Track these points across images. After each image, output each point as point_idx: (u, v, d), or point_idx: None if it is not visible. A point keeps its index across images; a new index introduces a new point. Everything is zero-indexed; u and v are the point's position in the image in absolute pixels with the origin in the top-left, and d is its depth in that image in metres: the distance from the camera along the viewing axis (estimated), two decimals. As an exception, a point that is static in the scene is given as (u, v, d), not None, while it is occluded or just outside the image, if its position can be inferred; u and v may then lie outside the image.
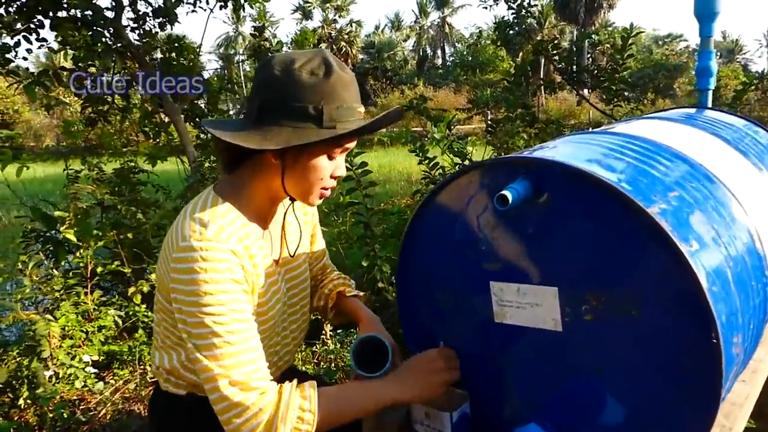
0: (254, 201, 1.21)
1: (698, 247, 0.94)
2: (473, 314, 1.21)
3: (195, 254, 1.06)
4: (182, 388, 1.24)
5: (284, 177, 1.16)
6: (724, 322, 0.91)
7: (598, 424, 1.08)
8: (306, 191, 1.19)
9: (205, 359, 1.05)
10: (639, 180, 1.03)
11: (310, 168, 1.15)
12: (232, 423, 1.05)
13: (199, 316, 1.06)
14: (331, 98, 1.09)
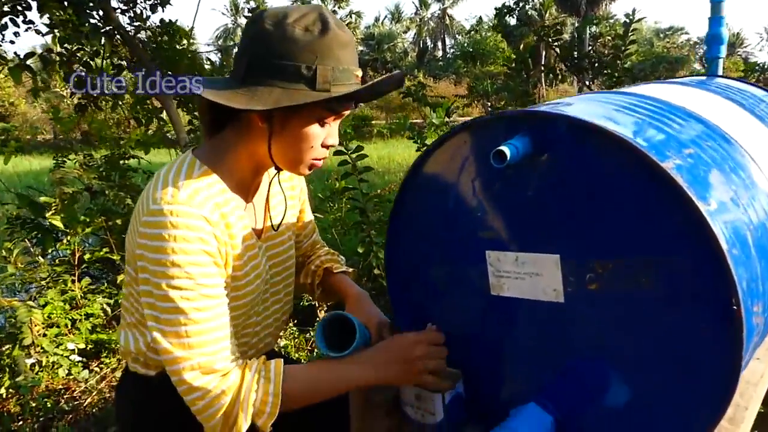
0: (237, 168, 1.11)
1: (716, 207, 0.85)
2: (468, 288, 1.12)
3: (164, 219, 0.97)
4: (152, 369, 1.15)
5: (271, 143, 1.06)
6: (745, 289, 0.82)
7: (602, 403, 0.99)
8: (295, 160, 1.09)
9: (166, 340, 0.98)
10: (651, 135, 0.93)
11: (300, 134, 1.05)
12: (195, 405, 0.99)
13: (165, 289, 0.97)
14: (326, 58, 0.99)
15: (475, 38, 40.60)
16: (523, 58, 7.10)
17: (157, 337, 0.98)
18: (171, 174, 1.04)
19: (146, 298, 1.01)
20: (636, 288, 0.89)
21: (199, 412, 0.99)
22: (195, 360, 0.97)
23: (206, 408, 0.98)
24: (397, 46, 46.73)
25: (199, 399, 0.98)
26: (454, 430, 1.12)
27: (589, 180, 0.91)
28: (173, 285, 0.97)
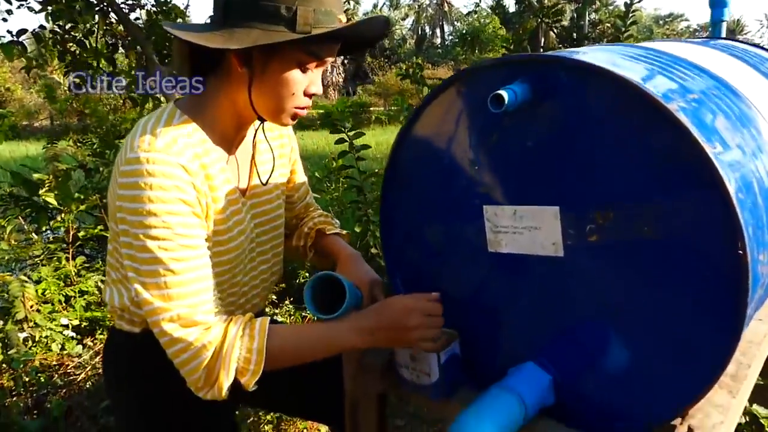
0: (218, 119, 1.08)
1: (722, 150, 0.82)
2: (465, 246, 1.09)
3: (141, 167, 0.94)
4: (137, 326, 1.12)
5: (251, 90, 1.02)
6: (751, 235, 0.78)
7: (603, 361, 0.96)
8: (276, 108, 1.05)
9: (146, 291, 0.96)
10: (655, 80, 0.90)
11: (280, 80, 1.01)
12: (177, 358, 0.97)
13: (142, 239, 0.94)
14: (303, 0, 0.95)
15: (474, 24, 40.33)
16: (521, 41, 7.04)
17: (138, 288, 0.96)
18: (150, 123, 1.01)
19: (126, 249, 0.98)
20: (638, 237, 0.86)
21: (182, 365, 0.96)
22: (175, 311, 0.94)
23: (188, 361, 0.96)
24: (395, 33, 46.46)
25: (181, 351, 0.95)
26: (450, 390, 1.10)
27: (590, 125, 0.88)
28: (151, 235, 0.94)
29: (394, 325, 1.03)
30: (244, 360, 0.97)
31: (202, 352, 0.95)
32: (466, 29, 42.09)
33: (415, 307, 1.03)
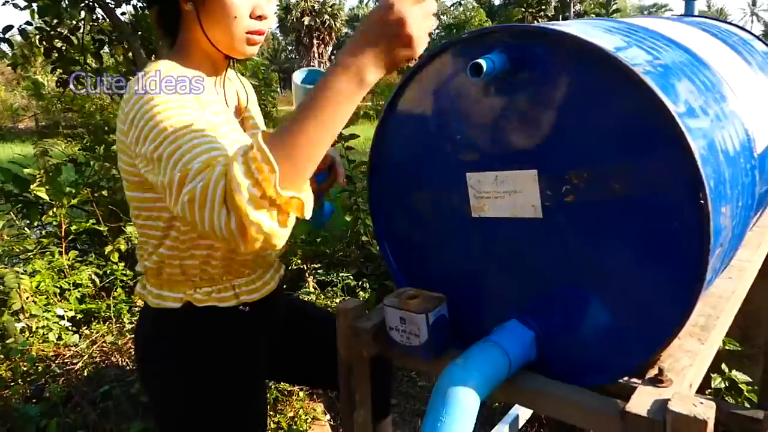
0: (195, 63, 1.16)
1: (685, 110, 0.88)
2: (450, 212, 1.14)
3: (140, 92, 1.03)
4: (174, 299, 1.18)
5: (202, 25, 1.11)
6: (713, 188, 0.85)
7: (580, 315, 1.02)
8: (228, 36, 1.11)
9: (166, 173, 0.93)
10: (624, 47, 0.96)
11: (218, 5, 1.08)
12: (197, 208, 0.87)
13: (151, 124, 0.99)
14: None
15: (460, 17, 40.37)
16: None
17: (160, 180, 0.95)
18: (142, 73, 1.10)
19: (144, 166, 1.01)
20: (610, 196, 0.92)
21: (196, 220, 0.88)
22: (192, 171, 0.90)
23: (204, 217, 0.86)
24: (381, 28, 46.39)
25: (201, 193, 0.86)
26: (439, 351, 1.15)
27: (563, 91, 0.93)
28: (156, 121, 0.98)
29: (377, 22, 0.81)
30: (253, 164, 0.80)
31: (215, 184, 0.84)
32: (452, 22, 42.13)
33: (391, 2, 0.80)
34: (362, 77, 0.81)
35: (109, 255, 3.46)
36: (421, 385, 2.79)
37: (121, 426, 2.16)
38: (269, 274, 1.33)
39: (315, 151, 0.83)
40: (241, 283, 1.24)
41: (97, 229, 3.59)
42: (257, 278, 1.28)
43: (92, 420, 2.17)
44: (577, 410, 0.98)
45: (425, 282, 1.21)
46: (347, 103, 0.82)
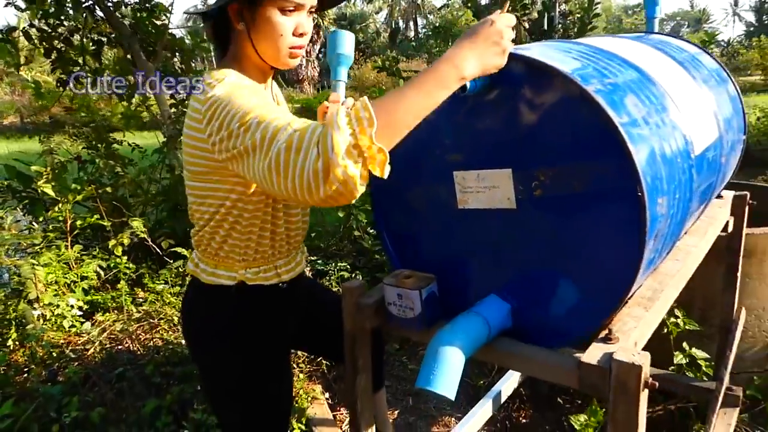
0: (247, 71, 1.35)
1: (628, 120, 1.09)
2: (440, 205, 1.35)
3: (220, 94, 1.18)
4: (229, 279, 1.39)
5: (252, 41, 1.30)
6: (650, 183, 1.06)
7: (547, 288, 1.23)
8: (274, 51, 1.31)
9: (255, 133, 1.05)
10: (579, 68, 1.16)
11: (268, 26, 1.28)
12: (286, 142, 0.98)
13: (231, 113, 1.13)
14: None
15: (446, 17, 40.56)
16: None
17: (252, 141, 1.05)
18: (206, 79, 1.26)
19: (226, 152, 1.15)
20: (570, 190, 1.13)
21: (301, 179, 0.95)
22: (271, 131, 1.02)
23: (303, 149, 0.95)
24: (369, 27, 46.48)
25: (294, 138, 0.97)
26: (430, 322, 1.36)
27: (531, 104, 1.14)
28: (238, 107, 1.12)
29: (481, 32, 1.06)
30: (356, 120, 0.92)
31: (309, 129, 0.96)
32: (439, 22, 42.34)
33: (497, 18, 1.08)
34: (461, 69, 1.03)
35: (113, 249, 3.63)
36: (411, 368, 3.00)
37: (137, 404, 2.35)
38: (300, 256, 1.57)
39: (410, 118, 0.99)
40: (281, 264, 1.47)
41: (100, 223, 3.76)
42: (291, 259, 1.51)
43: (109, 398, 2.36)
44: (542, 366, 1.19)
45: (418, 264, 1.42)
46: (444, 87, 1.02)
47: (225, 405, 1.50)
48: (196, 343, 1.51)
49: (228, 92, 1.18)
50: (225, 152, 1.15)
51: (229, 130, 1.12)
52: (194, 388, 2.44)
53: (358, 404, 1.51)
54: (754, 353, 2.52)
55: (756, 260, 2.40)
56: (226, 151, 1.15)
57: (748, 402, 2.43)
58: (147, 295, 3.52)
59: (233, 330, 1.45)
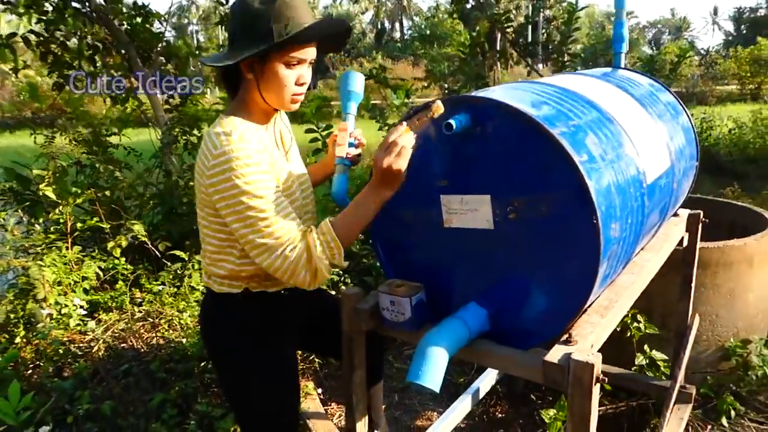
0: (253, 115, 1.56)
1: (587, 158, 1.30)
2: (428, 223, 1.55)
3: (229, 156, 1.40)
4: (237, 288, 1.60)
5: (260, 89, 1.51)
6: (604, 212, 1.28)
7: (517, 296, 1.44)
8: (279, 98, 1.53)
9: (249, 233, 1.42)
10: (549, 113, 1.38)
11: (275, 77, 1.49)
12: (287, 273, 1.44)
13: (239, 195, 1.40)
14: (278, 19, 1.43)
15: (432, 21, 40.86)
16: (477, 43, 7.54)
17: (245, 235, 1.43)
18: (216, 129, 1.47)
19: (230, 217, 1.43)
20: (538, 215, 1.35)
21: (291, 276, 1.45)
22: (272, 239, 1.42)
23: (296, 271, 1.44)
24: (355, 27, 46.63)
25: (289, 267, 1.44)
26: (418, 325, 1.56)
27: (506, 143, 1.35)
28: (245, 191, 1.40)
29: (383, 170, 1.39)
30: (328, 249, 1.45)
31: (300, 261, 1.44)
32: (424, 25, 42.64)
33: (380, 155, 1.39)
34: (381, 198, 1.46)
35: (111, 251, 3.79)
36: (397, 366, 3.21)
37: (143, 397, 2.53)
38: None
39: (358, 233, 1.50)
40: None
41: (99, 226, 3.91)
42: None
43: (117, 392, 2.53)
44: (513, 363, 1.40)
45: (408, 274, 1.63)
46: (373, 209, 1.48)
47: (238, 398, 1.71)
48: (211, 343, 1.71)
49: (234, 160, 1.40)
50: (227, 216, 1.45)
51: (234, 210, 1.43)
52: (196, 383, 2.62)
53: (353, 397, 1.71)
54: (708, 355, 2.78)
55: (710, 272, 2.65)
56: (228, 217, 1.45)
57: (702, 399, 2.68)
58: (144, 295, 3.69)
59: (241, 331, 1.66)
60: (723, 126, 10.04)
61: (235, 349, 1.67)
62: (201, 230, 1.60)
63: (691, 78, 26.79)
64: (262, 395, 1.69)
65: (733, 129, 9.91)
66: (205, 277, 1.68)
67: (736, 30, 57.32)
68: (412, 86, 6.62)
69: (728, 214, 3.59)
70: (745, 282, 2.77)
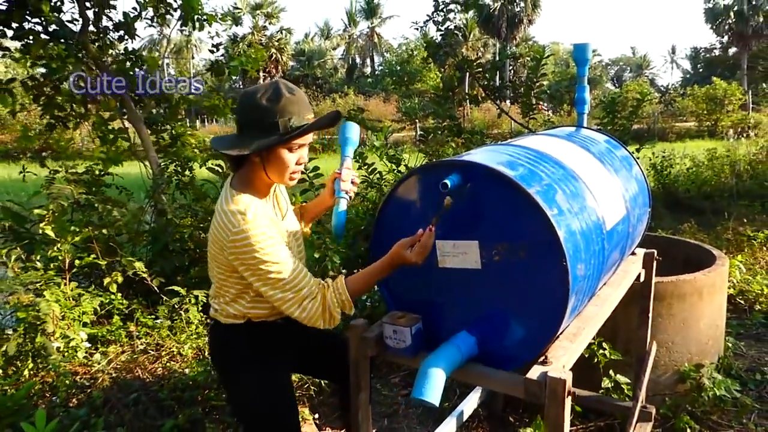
0: (258, 188, 1.85)
1: (557, 212, 1.61)
2: (425, 263, 1.82)
3: (247, 234, 1.68)
4: (241, 319, 1.87)
5: (266, 169, 1.81)
6: (571, 255, 1.57)
7: (500, 325, 1.72)
8: (281, 176, 1.83)
9: (271, 290, 1.70)
10: (525, 175, 1.69)
11: (279, 161, 1.79)
12: (307, 319, 1.75)
13: (259, 264, 1.68)
14: (282, 114, 1.73)
15: (402, 56, 41.84)
16: (450, 87, 7.95)
17: (268, 292, 1.72)
18: (231, 207, 1.73)
19: (253, 278, 1.72)
20: (518, 258, 1.64)
21: (310, 321, 1.75)
22: (289, 292, 1.72)
23: (314, 319, 1.75)
24: (327, 63, 47.37)
25: (309, 315, 1.74)
26: (417, 351, 1.82)
27: (491, 199, 1.65)
28: (263, 259, 1.68)
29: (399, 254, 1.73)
30: (340, 302, 1.76)
31: (317, 311, 1.74)
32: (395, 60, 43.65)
33: (408, 252, 1.72)
34: (391, 271, 1.78)
35: (108, 286, 3.97)
36: (385, 393, 3.44)
37: (154, 423, 2.71)
38: None
39: (366, 292, 1.89)
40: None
41: (96, 262, 4.09)
42: None
43: (128, 419, 2.71)
44: (499, 382, 1.68)
45: (408, 306, 1.89)
46: (382, 278, 1.81)
47: (243, 415, 1.97)
48: (218, 364, 2.01)
49: (253, 236, 1.68)
50: (250, 277, 1.74)
51: (256, 269, 1.70)
52: (202, 410, 2.81)
53: (359, 414, 1.96)
54: (666, 378, 3.09)
55: (666, 303, 2.98)
56: (252, 278, 1.74)
57: (662, 419, 2.98)
58: (140, 329, 3.87)
59: (244, 355, 1.93)
60: (682, 164, 10.63)
61: (238, 369, 1.94)
62: (218, 281, 1.87)
63: (652, 115, 27.94)
64: (262, 415, 1.94)
65: (691, 167, 10.50)
66: (212, 311, 1.95)
67: (693, 68, 59.92)
68: (389, 127, 6.96)
69: (683, 250, 3.97)
70: (696, 312, 3.11)
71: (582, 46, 2.57)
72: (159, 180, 4.62)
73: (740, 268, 4.99)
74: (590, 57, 2.56)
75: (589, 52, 2.55)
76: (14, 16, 4.63)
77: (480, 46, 42.58)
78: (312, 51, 47.71)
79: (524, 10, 40.86)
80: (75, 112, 5.64)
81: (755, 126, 20.63)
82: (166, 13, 5.50)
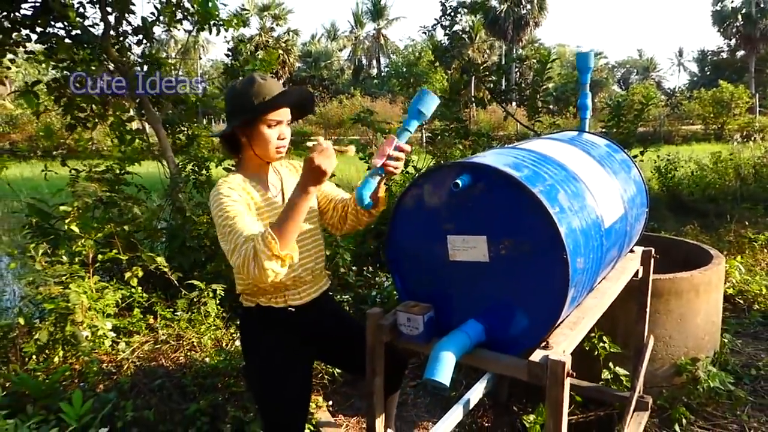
0: (250, 168, 2.09)
1: (559, 210, 1.77)
2: (437, 257, 1.99)
3: (215, 193, 1.93)
4: (251, 302, 2.05)
5: (252, 147, 2.04)
6: (571, 249, 1.73)
7: (506, 314, 1.88)
8: (266, 151, 2.05)
9: (223, 241, 1.84)
10: (530, 176, 1.85)
11: (261, 137, 2.02)
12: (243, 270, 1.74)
13: (217, 218, 1.88)
14: (257, 96, 1.98)
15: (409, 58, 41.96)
16: (456, 90, 8.10)
17: (224, 247, 1.83)
18: (223, 179, 1.99)
19: (218, 236, 1.89)
20: (524, 252, 1.80)
21: (246, 271, 1.73)
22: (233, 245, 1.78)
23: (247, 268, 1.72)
24: (333, 64, 47.57)
25: (243, 263, 1.73)
26: (429, 338, 1.98)
27: (498, 198, 1.81)
28: (218, 212, 1.87)
29: (307, 168, 1.76)
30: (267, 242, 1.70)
31: (248, 256, 1.72)
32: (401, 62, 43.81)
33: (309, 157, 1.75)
34: (307, 194, 1.78)
35: (128, 280, 4.15)
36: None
37: (179, 407, 2.89)
38: (313, 288, 2.19)
39: (294, 229, 1.76)
40: (289, 294, 2.11)
41: (117, 257, 4.28)
42: (302, 291, 2.15)
43: (154, 403, 2.89)
44: (504, 365, 1.83)
45: (420, 297, 2.05)
46: (302, 206, 1.78)
47: (258, 395, 2.16)
48: (242, 347, 2.20)
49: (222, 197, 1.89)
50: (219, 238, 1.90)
51: (217, 228, 1.88)
52: (223, 395, 2.98)
53: (374, 398, 2.12)
54: (663, 371, 3.24)
55: (663, 300, 3.13)
56: (218, 237, 1.90)
57: (658, 410, 3.13)
58: (160, 321, 4.04)
59: (254, 339, 2.13)
60: (687, 167, 10.75)
61: (254, 351, 2.14)
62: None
63: (658, 118, 28.01)
64: (273, 396, 2.11)
65: (695, 171, 10.62)
66: (241, 297, 2.15)
67: (701, 71, 59.87)
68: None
69: (683, 250, 4.12)
70: (693, 308, 3.26)
71: (584, 55, 2.72)
72: (177, 179, 4.79)
73: (740, 269, 5.13)
74: (592, 65, 2.71)
75: (591, 61, 2.70)
76: (40, 21, 4.82)
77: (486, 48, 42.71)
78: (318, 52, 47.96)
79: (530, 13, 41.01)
80: (94, 112, 5.83)
81: (761, 129, 20.69)
82: (184, 18, 5.68)
